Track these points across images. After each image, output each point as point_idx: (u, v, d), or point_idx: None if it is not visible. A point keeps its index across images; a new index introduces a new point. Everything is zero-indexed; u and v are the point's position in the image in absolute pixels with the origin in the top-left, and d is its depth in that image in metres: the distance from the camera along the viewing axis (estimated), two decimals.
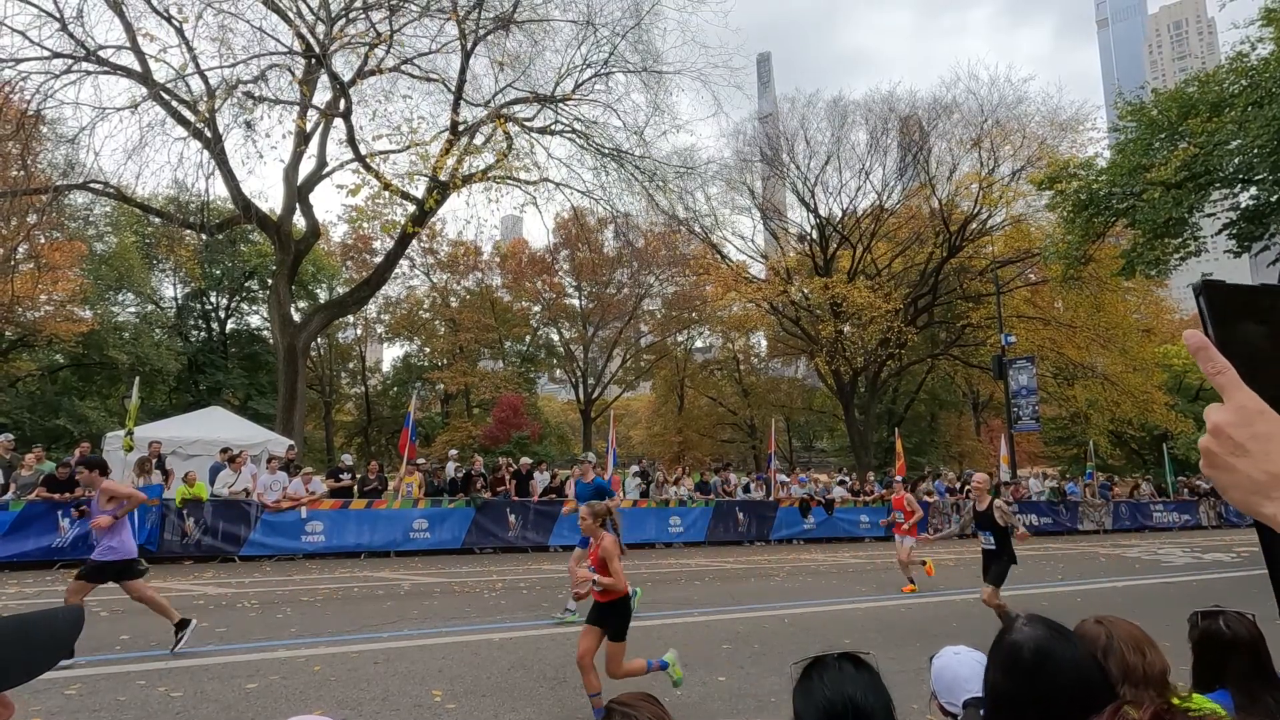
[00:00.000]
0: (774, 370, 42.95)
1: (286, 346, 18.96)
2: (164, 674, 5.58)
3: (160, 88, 16.67)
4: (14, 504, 10.74)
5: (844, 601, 9.73)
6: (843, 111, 29.09)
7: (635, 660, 5.13)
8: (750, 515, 16.78)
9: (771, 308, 31.54)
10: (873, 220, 29.87)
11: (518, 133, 19.59)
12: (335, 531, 12.69)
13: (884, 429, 34.95)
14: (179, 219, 22.41)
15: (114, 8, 15.98)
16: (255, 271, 34.85)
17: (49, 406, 27.99)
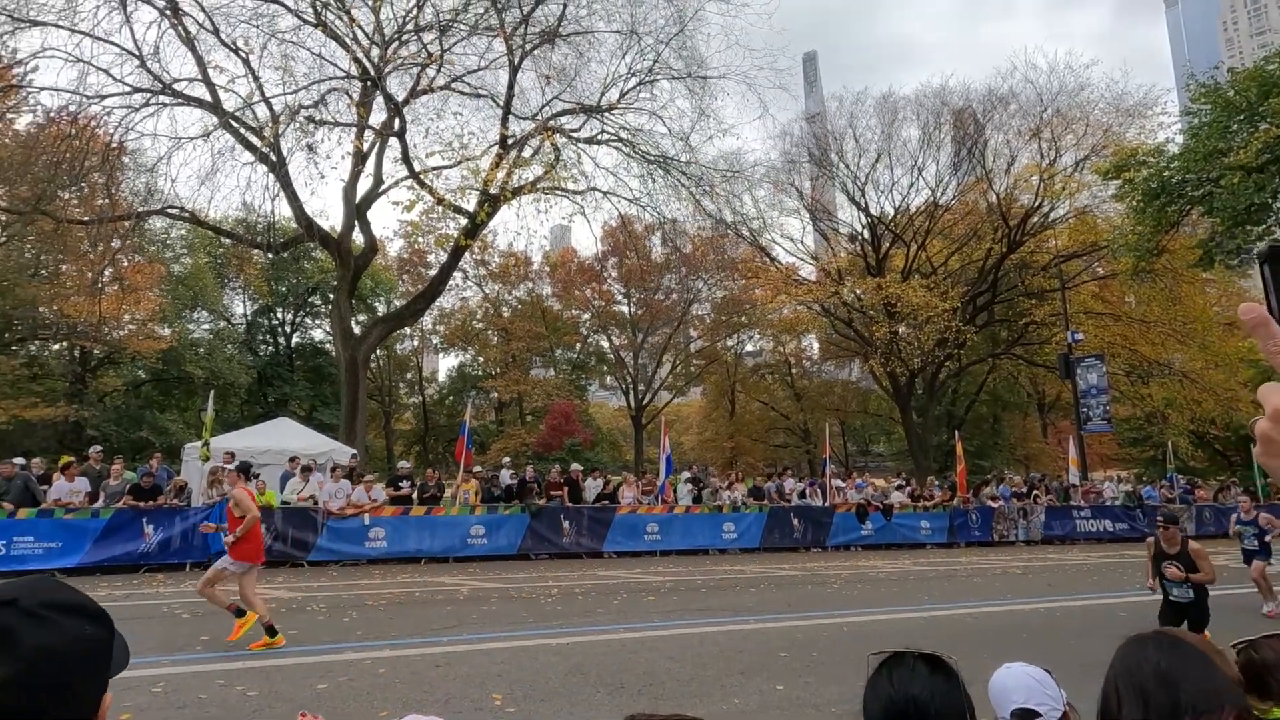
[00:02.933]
0: (827, 373, 42.21)
1: (348, 359, 19.66)
2: (241, 674, 5.85)
3: (230, 116, 17.59)
4: (104, 512, 11.44)
5: (905, 610, 9.46)
6: (893, 108, 28.48)
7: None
8: (805, 521, 16.50)
9: (823, 309, 31.02)
10: (927, 217, 29.08)
11: (565, 144, 19.89)
12: (396, 538, 13.06)
13: (944, 431, 33.92)
14: (247, 239, 23.56)
15: (187, 43, 16.96)
16: (317, 287, 36.31)
17: (133, 419, 29.73)
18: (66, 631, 0.83)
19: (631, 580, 11.58)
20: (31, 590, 0.86)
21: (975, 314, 28.72)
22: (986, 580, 12.20)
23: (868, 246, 30.16)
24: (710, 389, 43.09)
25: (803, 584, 11.64)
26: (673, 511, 15.47)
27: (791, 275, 30.81)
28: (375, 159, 19.89)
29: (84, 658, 0.84)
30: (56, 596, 0.86)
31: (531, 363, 41.30)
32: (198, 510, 11.97)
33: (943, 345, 25.69)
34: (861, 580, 12.05)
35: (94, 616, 0.88)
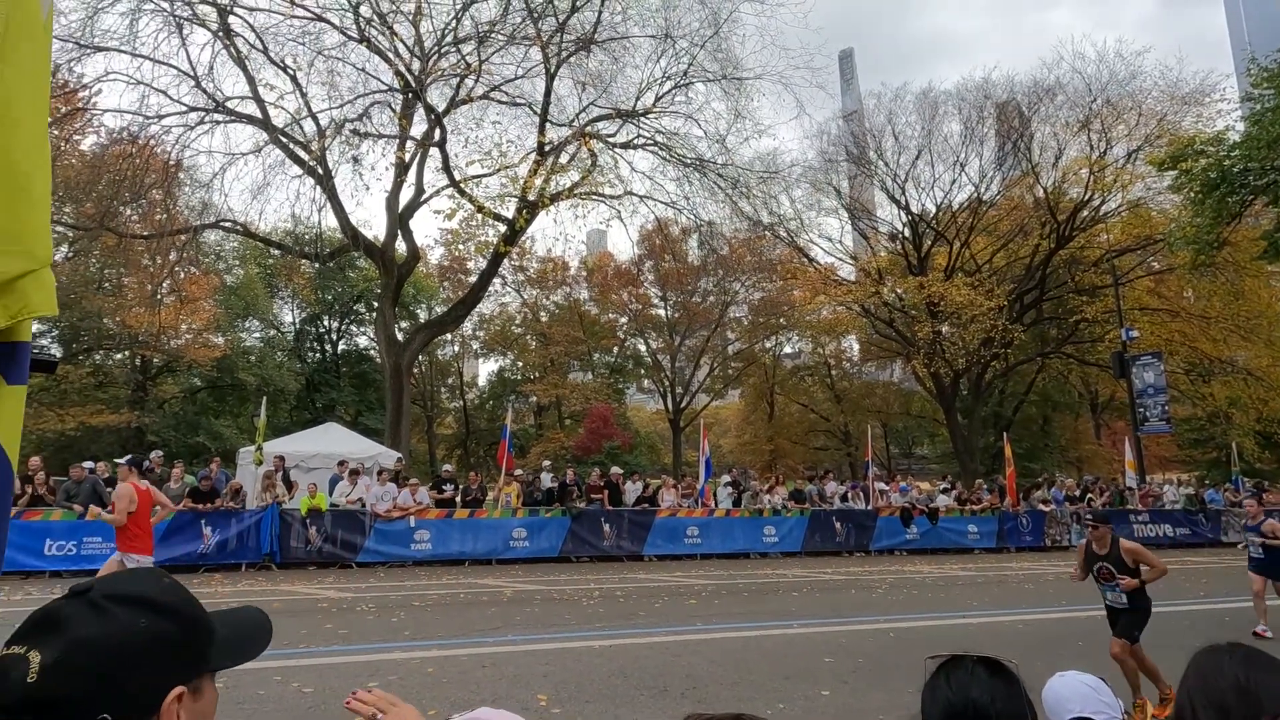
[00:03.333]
0: (868, 374, 41.52)
1: (392, 365, 20.13)
2: (296, 671, 6.04)
3: (279, 132, 18.23)
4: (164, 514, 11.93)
5: (954, 615, 9.25)
6: (933, 103, 27.90)
7: None
8: (848, 525, 16.25)
9: (863, 310, 30.52)
10: (970, 214, 28.40)
11: (601, 149, 20.04)
12: (441, 540, 13.31)
13: (990, 433, 33.03)
14: (296, 250, 24.34)
15: (238, 63, 17.63)
16: (362, 295, 37.27)
17: (190, 425, 30.95)
18: (118, 624, 0.82)
19: (672, 583, 11.58)
20: (111, 581, 0.88)
21: (1023, 312, 27.91)
22: (1039, 586, 11.85)
23: (909, 245, 29.60)
24: (749, 391, 42.78)
25: (846, 588, 11.48)
26: (713, 515, 15.42)
27: (830, 275, 30.41)
28: (417, 169, 20.35)
29: (132, 651, 0.82)
30: (127, 588, 0.87)
31: (570, 367, 41.64)
32: (253, 512, 12.40)
33: (988, 345, 25.03)
34: (907, 585, 11.81)
35: (161, 611, 0.86)
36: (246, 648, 0.95)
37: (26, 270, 1.12)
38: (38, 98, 1.22)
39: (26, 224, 1.14)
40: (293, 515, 12.53)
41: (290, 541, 12.44)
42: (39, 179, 1.18)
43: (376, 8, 17.70)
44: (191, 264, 26.76)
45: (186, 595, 0.91)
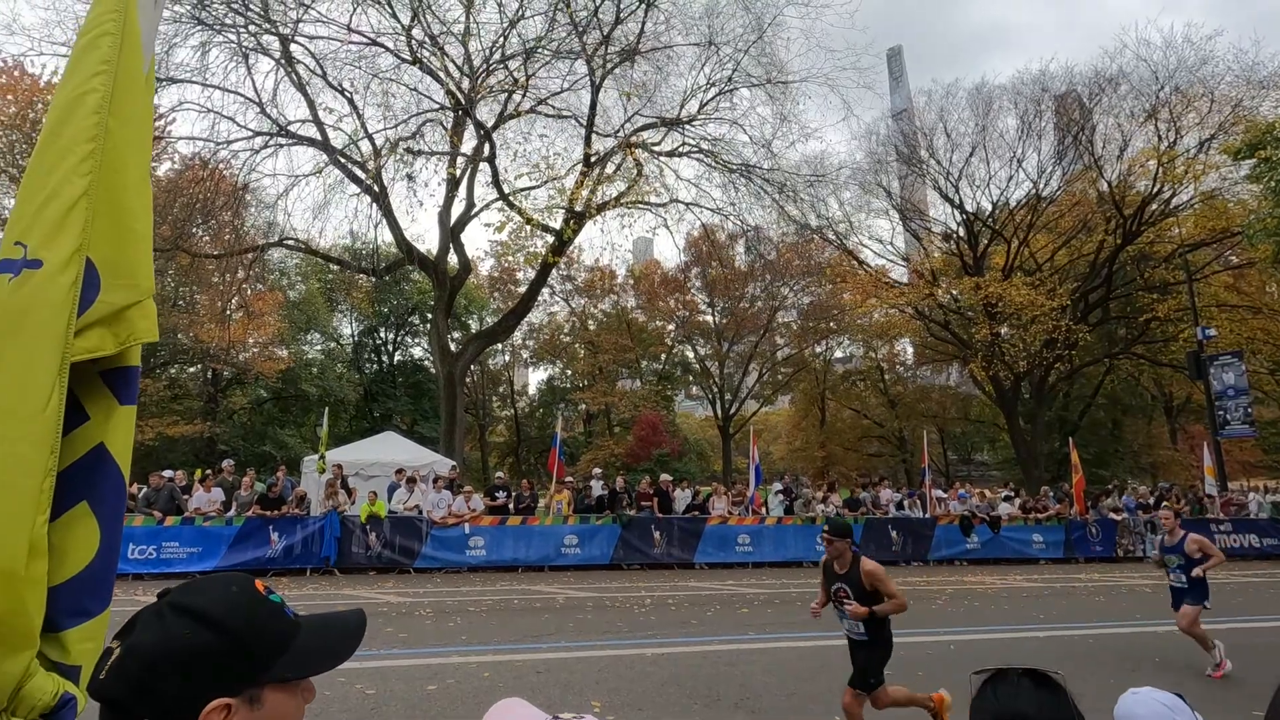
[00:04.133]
0: (923, 378, 40.42)
1: (446, 375, 20.65)
2: (359, 673, 6.26)
3: (338, 153, 19.00)
4: (236, 520, 12.54)
5: (1017, 629, 8.92)
6: (987, 98, 27.10)
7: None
8: (905, 533, 15.85)
9: (917, 312, 29.77)
10: (1029, 211, 27.41)
11: (647, 158, 20.18)
12: (494, 546, 13.56)
13: (1055, 438, 31.70)
14: (354, 265, 25.25)
15: (299, 88, 18.48)
16: (416, 307, 38.38)
17: (257, 434, 32.37)
18: (165, 633, 0.86)
19: (724, 592, 11.51)
20: (183, 589, 0.92)
21: (1087, 311, 26.76)
22: (1110, 599, 11.32)
23: (963, 245, 28.76)
24: (799, 397, 42.17)
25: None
26: (764, 523, 15.26)
27: (882, 278, 29.78)
28: (467, 184, 20.89)
29: (170, 660, 0.84)
30: (187, 598, 0.90)
31: (618, 374, 41.88)
32: (317, 519, 12.89)
33: (1051, 346, 24.08)
34: (968, 596, 11.45)
35: (209, 624, 0.87)
36: (320, 661, 0.96)
37: (133, 301, 1.24)
38: (141, 145, 1.34)
39: (133, 259, 1.26)
40: (353, 521, 12.97)
41: (351, 547, 12.87)
42: (142, 218, 1.31)
43: (428, 30, 18.30)
44: (258, 281, 28.08)
45: (250, 607, 0.92)
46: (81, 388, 1.20)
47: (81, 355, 1.17)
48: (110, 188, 1.25)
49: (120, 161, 1.27)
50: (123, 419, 1.27)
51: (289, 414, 36.14)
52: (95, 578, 1.17)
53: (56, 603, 1.10)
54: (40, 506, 1.06)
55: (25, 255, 1.16)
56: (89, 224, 1.20)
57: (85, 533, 1.17)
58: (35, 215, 1.19)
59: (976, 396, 36.16)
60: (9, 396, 1.07)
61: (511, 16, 18.47)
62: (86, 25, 1.32)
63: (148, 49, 1.39)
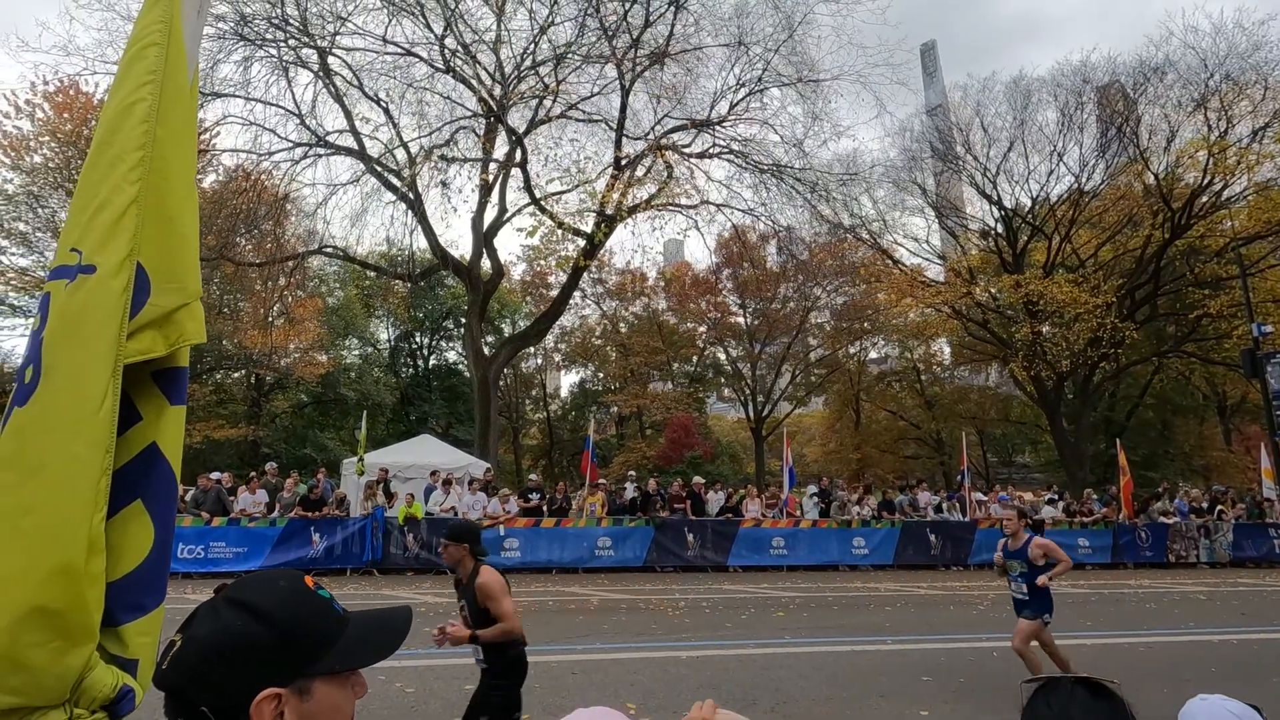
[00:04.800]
0: (961, 379, 39.56)
1: (480, 378, 20.89)
2: (399, 672, 6.35)
3: (374, 161, 19.39)
4: (279, 521, 12.86)
5: (1065, 636, 8.64)
6: (1025, 91, 26.43)
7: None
8: (943, 537, 15.51)
9: (954, 311, 29.14)
10: (1070, 206, 26.64)
11: (677, 160, 20.16)
12: (529, 548, 13.67)
13: (1101, 440, 30.72)
14: (390, 271, 25.74)
15: (337, 99, 18.92)
16: (450, 312, 38.94)
17: (299, 438, 33.17)
18: (219, 624, 0.90)
19: (759, 595, 11.41)
20: (239, 584, 0.96)
21: (1134, 309, 25.89)
22: (1162, 606, 10.91)
23: (1002, 242, 28.07)
24: (833, 398, 41.63)
25: (944, 604, 10.96)
26: (799, 525, 15.09)
27: (917, 277, 29.23)
28: (500, 189, 21.13)
29: (221, 652, 0.88)
30: (242, 593, 0.94)
31: (650, 377, 41.87)
32: (356, 520, 13.14)
33: (1096, 345, 23.35)
34: (1009, 602, 11.12)
35: (260, 617, 0.91)
36: (368, 654, 0.98)
37: (182, 304, 1.27)
38: (186, 152, 1.38)
39: (180, 263, 1.30)
40: (392, 523, 13.20)
41: (390, 548, 13.09)
42: (189, 223, 1.34)
43: (460, 39, 18.58)
44: (299, 288, 28.80)
45: (300, 602, 0.95)
46: (134, 389, 1.24)
47: (134, 357, 1.20)
48: (158, 194, 1.28)
49: (167, 168, 1.31)
50: (173, 419, 1.30)
51: (328, 417, 36.95)
52: (150, 574, 1.20)
53: (114, 598, 1.13)
54: (97, 505, 1.10)
55: (80, 261, 1.20)
56: (139, 230, 1.23)
57: (140, 530, 1.20)
58: (88, 222, 1.23)
59: (1017, 397, 35.25)
60: (66, 398, 1.11)
61: (542, 23, 18.65)
62: (134, 37, 1.36)
63: (192, 58, 1.43)
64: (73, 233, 1.24)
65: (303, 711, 0.91)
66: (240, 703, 0.87)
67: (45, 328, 1.17)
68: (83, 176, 1.29)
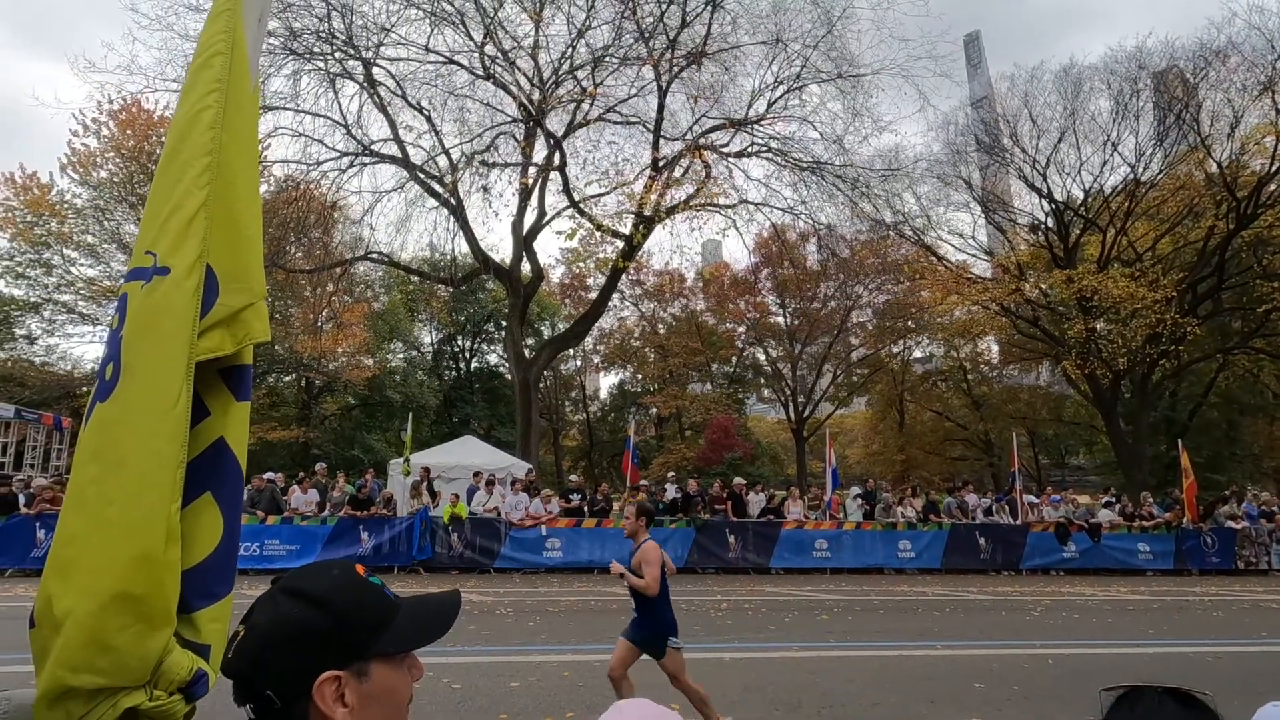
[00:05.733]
0: (1010, 378, 38.40)
1: (521, 380, 21.15)
2: (446, 668, 6.47)
3: (418, 169, 19.82)
4: (330, 520, 13.23)
5: (1124, 644, 8.32)
6: (1076, 79, 25.54)
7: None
8: (993, 541, 15.08)
9: (1002, 309, 28.30)
10: (1126, 197, 25.63)
11: (715, 160, 20.09)
12: (570, 548, 13.77)
13: (1162, 440, 29.44)
14: (434, 276, 26.26)
15: (381, 109, 19.40)
16: (491, 315, 39.54)
17: (347, 439, 34.07)
18: (278, 614, 0.93)
19: (802, 598, 11.27)
20: (292, 575, 1.00)
21: (1196, 303, 24.76)
22: (1231, 615, 10.40)
23: (1053, 236, 27.16)
24: (876, 399, 40.89)
25: (995, 609, 10.64)
26: (842, 528, 14.86)
27: (963, 274, 28.49)
28: (539, 193, 21.37)
29: (281, 638, 0.92)
30: (297, 583, 0.97)
31: (689, 378, 41.79)
32: (403, 519, 13.43)
33: (1155, 341, 22.41)
34: (1065, 608, 10.77)
35: (313, 603, 0.94)
36: (421, 636, 1.02)
37: (248, 303, 1.32)
38: (250, 156, 1.43)
39: (246, 263, 1.35)
40: (437, 522, 13.45)
41: (435, 547, 13.35)
42: (253, 225, 1.39)
43: (500, 46, 18.86)
44: (346, 293, 29.60)
45: (353, 589, 0.99)
46: (202, 385, 1.29)
47: (204, 355, 1.25)
48: (224, 198, 1.34)
49: (232, 173, 1.36)
50: (239, 415, 1.35)
51: (375, 419, 37.87)
52: (220, 563, 1.25)
53: (187, 586, 1.18)
54: (174, 496, 1.15)
55: (155, 263, 1.25)
56: (208, 232, 1.28)
57: (210, 521, 1.25)
58: (161, 226, 1.28)
59: (1070, 396, 34.05)
60: (146, 394, 1.17)
61: (579, 26, 18.80)
62: (200, 46, 1.42)
63: (253, 66, 1.49)
64: (147, 236, 1.30)
65: (361, 692, 0.94)
66: (302, 686, 0.91)
67: (124, 327, 1.23)
68: (155, 182, 1.35)
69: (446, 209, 20.26)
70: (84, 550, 1.11)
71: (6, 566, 11.86)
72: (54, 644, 1.07)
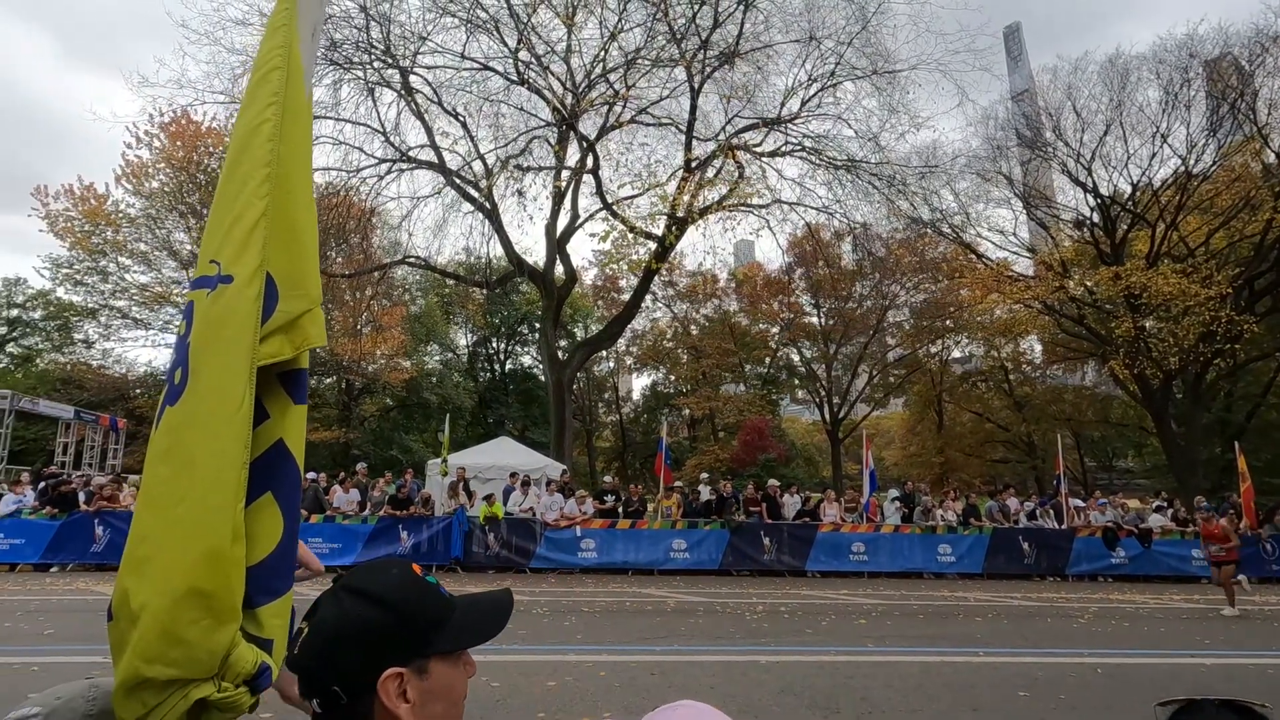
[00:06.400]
0: (1054, 378, 37.36)
1: (555, 382, 21.31)
2: (485, 667, 6.55)
3: (454, 174, 20.12)
4: (370, 519, 13.51)
5: (1179, 654, 8.02)
6: (1122, 70, 24.72)
7: None
8: (1037, 545, 14.67)
9: (1045, 307, 27.55)
10: (1177, 190, 24.71)
11: (748, 160, 19.97)
12: (605, 549, 13.82)
13: (1217, 443, 28.34)
14: (469, 279, 26.63)
15: (418, 116, 19.75)
16: (525, 317, 39.95)
17: (385, 440, 34.76)
18: (342, 612, 0.96)
19: (839, 601, 11.12)
20: (354, 573, 1.03)
21: (1254, 300, 23.75)
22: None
23: (1099, 231, 26.34)
24: (913, 400, 40.17)
25: (1040, 616, 10.36)
26: (880, 531, 14.62)
27: (1004, 271, 27.80)
28: (572, 196, 21.51)
29: (346, 635, 0.94)
30: (359, 582, 1.00)
31: (722, 379, 41.60)
32: (441, 519, 13.65)
33: (1209, 340, 21.56)
34: (1115, 616, 10.43)
35: (376, 602, 0.97)
36: (477, 633, 1.05)
37: (306, 309, 1.37)
38: (305, 166, 1.48)
39: (303, 271, 1.39)
40: (474, 522, 13.63)
41: (472, 547, 13.53)
42: (309, 233, 1.44)
43: (533, 51, 19.05)
44: (384, 297, 30.20)
45: (412, 588, 1.02)
46: (262, 389, 1.34)
47: (265, 360, 1.30)
48: (283, 207, 1.38)
49: (289, 183, 1.41)
50: (296, 417, 1.40)
51: (412, 420, 38.56)
52: (280, 560, 1.30)
53: (250, 582, 1.23)
54: (239, 495, 1.20)
55: (219, 272, 1.31)
56: (268, 241, 1.33)
57: (271, 520, 1.30)
58: (224, 235, 1.34)
59: (1118, 397, 32.96)
60: (213, 398, 1.22)
61: (611, 29, 18.88)
62: (258, 61, 1.47)
63: (308, 79, 1.54)
64: (211, 245, 1.35)
65: (422, 688, 0.97)
66: (367, 682, 0.94)
67: (191, 333, 1.28)
68: (218, 192, 1.40)
69: (482, 213, 20.54)
70: (157, 547, 1.16)
71: (68, 561, 12.39)
72: (130, 637, 1.12)
